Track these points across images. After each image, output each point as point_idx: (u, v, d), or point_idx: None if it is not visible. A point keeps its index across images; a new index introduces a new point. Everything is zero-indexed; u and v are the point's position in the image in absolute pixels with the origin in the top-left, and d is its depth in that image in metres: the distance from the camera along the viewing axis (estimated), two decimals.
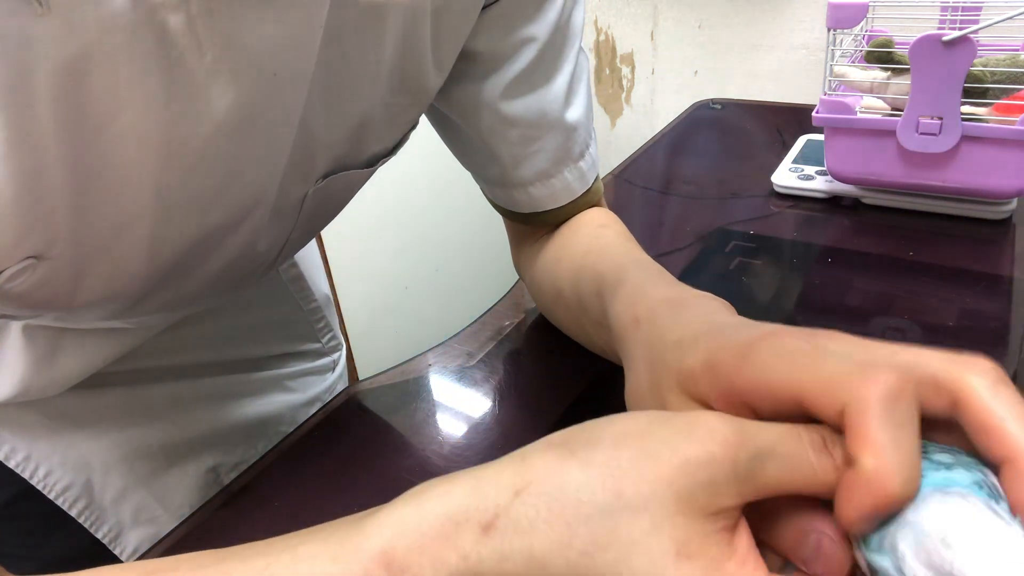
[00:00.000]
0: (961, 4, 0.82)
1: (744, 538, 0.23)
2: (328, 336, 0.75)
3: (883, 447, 0.21)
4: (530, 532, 0.21)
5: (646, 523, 0.21)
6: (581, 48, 0.54)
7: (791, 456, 0.23)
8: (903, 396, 0.22)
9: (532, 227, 0.60)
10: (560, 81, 0.52)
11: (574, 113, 0.54)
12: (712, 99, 1.27)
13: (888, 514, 0.22)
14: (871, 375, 0.22)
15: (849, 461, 0.22)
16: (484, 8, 0.46)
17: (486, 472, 0.24)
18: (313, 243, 0.73)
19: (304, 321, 0.72)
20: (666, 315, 0.36)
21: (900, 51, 0.76)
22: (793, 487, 0.23)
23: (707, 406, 0.28)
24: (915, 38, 0.69)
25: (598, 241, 0.54)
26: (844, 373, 0.23)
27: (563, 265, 0.55)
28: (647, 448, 0.22)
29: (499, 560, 0.21)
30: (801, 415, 0.24)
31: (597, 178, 0.59)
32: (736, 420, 0.23)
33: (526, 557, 0.21)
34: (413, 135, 0.52)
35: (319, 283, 0.73)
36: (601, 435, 0.24)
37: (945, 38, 0.67)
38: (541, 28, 0.49)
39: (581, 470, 0.22)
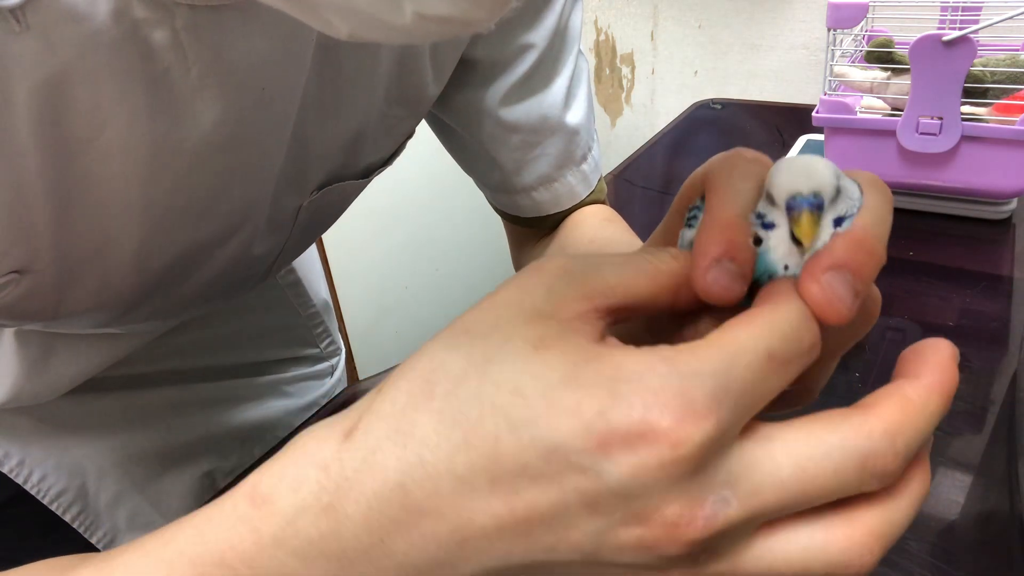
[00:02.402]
0: (961, 4, 0.81)
1: (612, 338, 0.21)
2: (327, 341, 0.75)
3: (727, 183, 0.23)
4: (394, 413, 0.20)
5: (497, 339, 0.20)
6: (580, 51, 0.53)
7: (626, 261, 0.22)
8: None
9: (535, 229, 0.60)
10: (559, 85, 0.52)
11: (574, 116, 0.53)
12: (712, 99, 1.26)
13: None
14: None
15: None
16: None
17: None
18: (312, 249, 0.72)
19: (302, 327, 0.72)
20: None
21: (900, 51, 0.75)
22: (641, 289, 0.22)
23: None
24: (915, 38, 0.68)
25: (602, 232, 0.55)
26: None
27: (568, 253, 0.55)
28: (486, 298, 0.22)
29: (369, 454, 0.20)
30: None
31: (600, 179, 0.59)
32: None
33: (396, 437, 0.20)
34: (413, 136, 0.52)
35: (318, 289, 0.73)
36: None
37: (945, 38, 0.66)
38: (540, 34, 0.49)
39: (434, 340, 0.21)
